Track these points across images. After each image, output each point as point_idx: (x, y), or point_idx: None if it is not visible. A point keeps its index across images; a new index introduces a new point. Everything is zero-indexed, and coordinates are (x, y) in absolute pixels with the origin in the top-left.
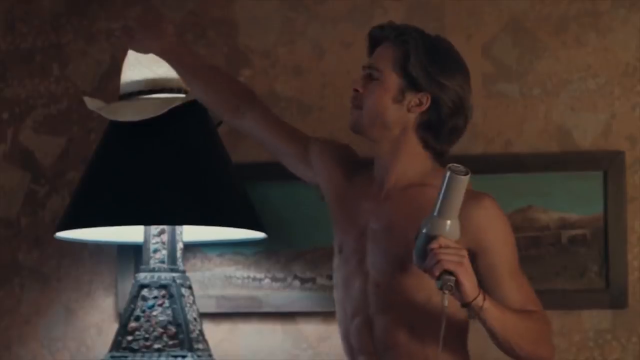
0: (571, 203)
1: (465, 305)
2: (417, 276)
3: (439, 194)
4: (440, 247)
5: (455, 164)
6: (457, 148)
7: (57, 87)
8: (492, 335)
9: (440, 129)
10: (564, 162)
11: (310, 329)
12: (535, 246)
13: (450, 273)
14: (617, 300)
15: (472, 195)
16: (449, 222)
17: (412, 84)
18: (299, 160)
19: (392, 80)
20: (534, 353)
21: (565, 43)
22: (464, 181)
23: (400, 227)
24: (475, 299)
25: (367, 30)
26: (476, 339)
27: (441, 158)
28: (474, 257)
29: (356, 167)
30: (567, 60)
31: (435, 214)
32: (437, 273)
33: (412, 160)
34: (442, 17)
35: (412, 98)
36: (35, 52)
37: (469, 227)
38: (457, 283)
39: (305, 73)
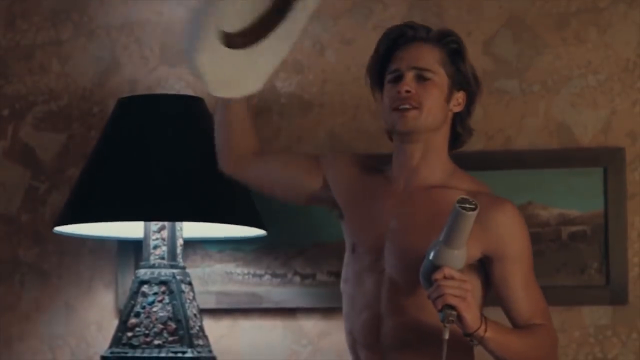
0: (571, 199)
1: (467, 335)
2: None
3: (447, 223)
4: (445, 277)
5: (464, 197)
6: None
7: (58, 83)
8: (494, 357)
9: (465, 120)
10: (564, 159)
11: (311, 325)
12: (536, 242)
13: (452, 307)
14: (617, 296)
15: (493, 201)
16: (455, 252)
17: (456, 83)
18: (312, 177)
19: (444, 80)
20: None
21: (565, 39)
22: (472, 217)
23: (421, 228)
24: (477, 330)
25: (367, 26)
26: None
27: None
28: (489, 262)
29: (366, 168)
30: (567, 57)
31: (441, 241)
32: (439, 307)
33: (438, 161)
34: (442, 13)
35: (455, 97)
36: (36, 48)
37: (490, 233)
38: (459, 317)
39: (305, 69)
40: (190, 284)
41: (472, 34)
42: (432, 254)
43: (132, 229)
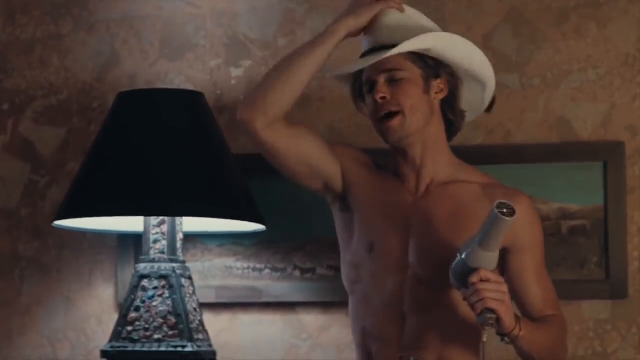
0: (571, 194)
1: (502, 335)
2: None
3: (483, 225)
4: (482, 280)
5: (503, 202)
6: (457, 139)
7: (57, 78)
8: (521, 353)
9: (455, 105)
10: (564, 153)
11: (310, 319)
12: None
13: (492, 310)
14: (617, 290)
15: (508, 194)
16: (490, 254)
17: (431, 72)
18: (334, 163)
19: (416, 74)
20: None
21: (565, 34)
22: (510, 222)
23: (444, 225)
24: (512, 330)
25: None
26: None
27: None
28: (506, 254)
29: (375, 165)
30: (567, 51)
31: (476, 242)
32: (479, 311)
33: (441, 154)
34: (442, 7)
35: (434, 85)
36: (36, 43)
37: None
38: (498, 320)
39: None
40: (190, 278)
41: (471, 28)
42: (465, 255)
43: (132, 223)
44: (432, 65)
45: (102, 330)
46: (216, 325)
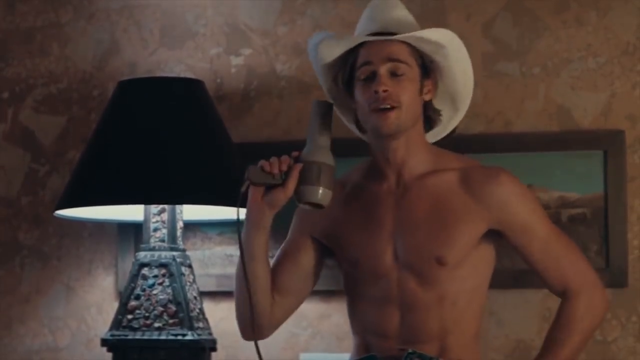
0: (571, 182)
1: None
2: (450, 268)
3: (310, 124)
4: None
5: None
6: (457, 128)
7: (57, 66)
8: None
9: (434, 106)
10: (564, 142)
11: (310, 307)
12: None
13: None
14: (616, 279)
15: (488, 173)
16: (323, 147)
17: (424, 72)
18: (309, 251)
19: (416, 72)
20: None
21: (565, 22)
22: (326, 103)
23: (428, 218)
24: None
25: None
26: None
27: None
28: (502, 235)
29: (349, 184)
30: (567, 40)
31: (309, 141)
32: None
33: (421, 148)
34: None
35: (426, 85)
36: (35, 31)
37: (491, 208)
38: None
39: (305, 52)
40: (190, 266)
41: (471, 16)
42: (302, 156)
43: (132, 212)
44: (427, 65)
45: (102, 318)
46: (216, 314)
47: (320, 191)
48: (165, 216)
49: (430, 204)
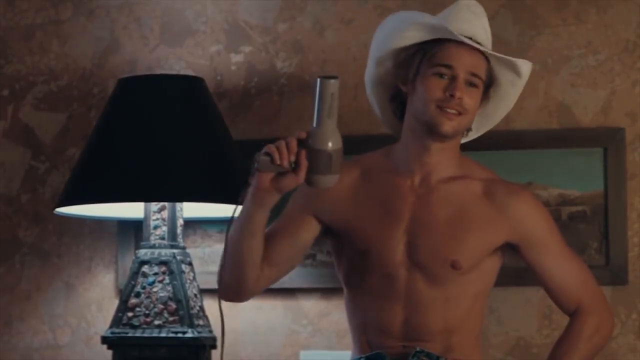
0: (571, 180)
1: None
2: (466, 272)
3: (316, 105)
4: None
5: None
6: None
7: (57, 63)
8: None
9: None
10: (564, 139)
11: (310, 304)
12: None
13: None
14: (616, 276)
15: (512, 190)
16: (330, 128)
17: (485, 89)
18: (305, 228)
19: (481, 88)
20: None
21: (565, 19)
22: (333, 83)
23: (445, 223)
24: None
25: (367, 6)
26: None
27: None
28: (518, 250)
29: (368, 169)
30: (567, 37)
31: (314, 123)
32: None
33: (454, 155)
34: None
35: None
36: (36, 28)
37: (513, 222)
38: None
39: (305, 49)
40: (190, 264)
41: None
42: (310, 141)
43: (132, 209)
44: (485, 81)
45: (102, 316)
46: (216, 311)
47: (332, 178)
48: (165, 214)
49: (452, 209)
